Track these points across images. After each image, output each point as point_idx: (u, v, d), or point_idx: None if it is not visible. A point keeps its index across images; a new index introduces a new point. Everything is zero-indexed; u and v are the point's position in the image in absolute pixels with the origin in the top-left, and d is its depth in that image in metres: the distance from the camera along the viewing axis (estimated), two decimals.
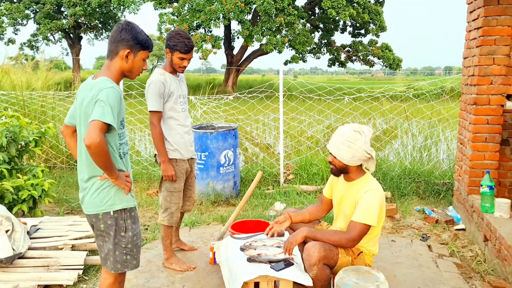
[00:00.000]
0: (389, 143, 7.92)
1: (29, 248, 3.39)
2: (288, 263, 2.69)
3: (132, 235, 2.28)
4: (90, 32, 29.28)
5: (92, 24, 27.78)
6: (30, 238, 3.57)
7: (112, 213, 2.23)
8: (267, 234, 2.96)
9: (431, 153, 6.89)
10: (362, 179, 2.82)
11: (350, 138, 2.73)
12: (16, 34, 28.10)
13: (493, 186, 3.72)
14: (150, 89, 3.19)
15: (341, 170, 2.83)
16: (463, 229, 4.26)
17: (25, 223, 3.68)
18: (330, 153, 2.82)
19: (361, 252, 2.79)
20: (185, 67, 3.26)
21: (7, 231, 3.23)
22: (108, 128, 2.09)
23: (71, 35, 27.79)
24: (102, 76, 2.21)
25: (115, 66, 2.23)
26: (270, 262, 2.70)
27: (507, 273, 3.17)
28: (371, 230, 2.78)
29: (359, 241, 2.71)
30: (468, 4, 4.43)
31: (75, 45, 28.33)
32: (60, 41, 29.19)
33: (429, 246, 3.94)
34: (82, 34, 28.64)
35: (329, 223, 3.20)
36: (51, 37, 27.89)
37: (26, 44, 27.96)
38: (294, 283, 2.63)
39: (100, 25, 29.16)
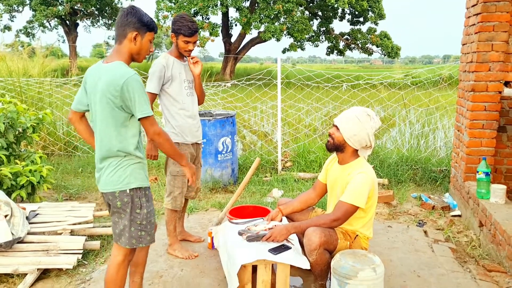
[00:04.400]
0: (387, 131, 7.95)
1: (28, 233, 3.41)
2: (285, 247, 2.73)
3: (146, 212, 2.35)
4: (86, 19, 29.03)
5: (88, 11, 27.53)
6: (29, 223, 3.59)
7: (128, 191, 2.29)
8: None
9: (428, 141, 6.92)
10: (355, 162, 2.84)
11: (360, 116, 2.77)
12: (12, 21, 27.90)
13: (489, 173, 3.75)
14: (150, 71, 3.24)
15: (337, 146, 2.84)
16: (459, 215, 4.30)
17: (24, 209, 3.70)
18: (334, 125, 2.84)
19: (357, 235, 2.83)
20: (190, 50, 3.27)
21: (6, 216, 3.24)
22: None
23: (67, 22, 27.55)
24: (115, 60, 2.26)
25: (125, 50, 2.28)
26: (259, 237, 2.76)
27: (502, 257, 3.22)
28: (364, 214, 2.81)
29: (344, 221, 2.74)
30: None
31: (71, 32, 28.11)
32: (56, 28, 28.95)
33: (425, 232, 3.98)
34: (78, 21, 28.40)
35: (324, 209, 3.22)
36: (47, 24, 27.63)
37: (22, 31, 27.72)
38: (292, 266, 2.66)
39: (96, 12, 28.90)
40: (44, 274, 3.11)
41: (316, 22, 25.38)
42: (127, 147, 2.26)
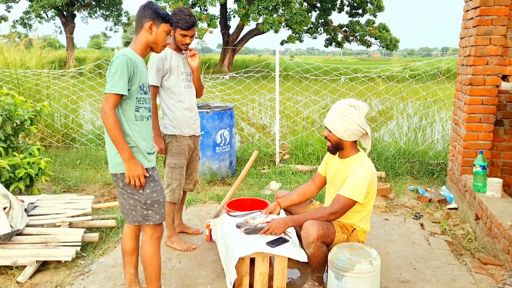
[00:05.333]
0: (385, 124, 7.96)
1: (27, 225, 3.42)
2: (283, 240, 2.75)
3: (150, 192, 2.44)
4: (83, 10, 28.80)
5: (85, 2, 27.31)
6: (28, 216, 3.60)
7: (125, 174, 2.38)
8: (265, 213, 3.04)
9: (425, 134, 6.94)
10: (356, 156, 2.85)
11: (344, 111, 2.76)
12: (8, 11, 27.60)
13: (486, 166, 3.77)
14: (149, 64, 3.24)
15: (336, 146, 2.86)
16: (456, 208, 4.33)
17: (22, 201, 3.70)
18: (326, 128, 2.86)
19: (354, 229, 2.85)
20: (187, 44, 3.26)
21: (4, 208, 3.25)
22: (121, 97, 2.30)
23: (64, 13, 27.33)
24: (128, 47, 2.45)
25: (141, 39, 2.45)
26: (256, 230, 2.79)
27: (497, 250, 3.25)
28: (362, 208, 2.83)
29: (342, 215, 2.76)
30: None
31: (68, 23, 27.89)
32: (53, 19, 28.74)
33: (421, 225, 4.01)
34: (75, 12, 28.16)
35: (322, 202, 3.24)
36: (44, 15, 27.41)
37: (19, 22, 27.50)
38: (289, 258, 2.68)
39: (93, 3, 28.65)
40: (43, 266, 3.13)
41: (314, 14, 25.26)
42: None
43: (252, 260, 2.69)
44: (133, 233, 2.65)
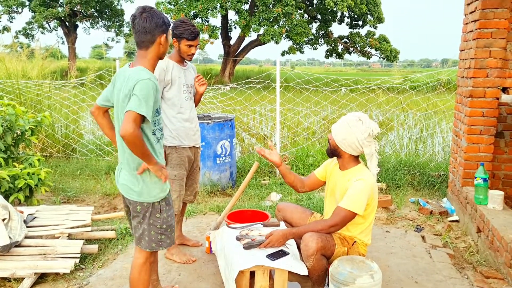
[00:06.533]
0: (385, 135, 7.96)
1: (26, 237, 3.40)
2: (283, 252, 2.73)
3: (166, 216, 2.39)
4: (86, 20, 29.04)
5: (88, 13, 27.53)
6: (27, 227, 3.58)
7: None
8: (259, 152, 3.12)
9: (426, 145, 6.93)
10: (355, 168, 2.86)
11: (350, 121, 2.81)
12: (11, 22, 27.86)
13: (487, 178, 3.76)
14: None
15: (333, 151, 2.91)
16: (457, 221, 4.31)
17: (21, 212, 3.69)
18: (331, 130, 2.93)
19: (355, 241, 2.84)
20: (193, 54, 3.29)
21: (3, 220, 3.23)
22: (143, 119, 2.16)
23: (67, 23, 27.57)
24: (138, 65, 2.26)
25: (152, 55, 2.28)
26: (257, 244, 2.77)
27: (499, 263, 3.22)
28: (363, 220, 2.82)
29: (342, 227, 2.76)
30: None
31: (70, 33, 28.12)
32: (55, 30, 28.98)
33: (423, 237, 3.98)
34: (78, 23, 28.40)
35: (323, 215, 3.23)
36: (46, 25, 27.66)
37: (21, 32, 27.73)
38: (289, 272, 2.66)
39: (96, 14, 28.91)
40: (41, 278, 3.11)
41: (315, 25, 25.45)
42: None
43: (252, 273, 2.67)
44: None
